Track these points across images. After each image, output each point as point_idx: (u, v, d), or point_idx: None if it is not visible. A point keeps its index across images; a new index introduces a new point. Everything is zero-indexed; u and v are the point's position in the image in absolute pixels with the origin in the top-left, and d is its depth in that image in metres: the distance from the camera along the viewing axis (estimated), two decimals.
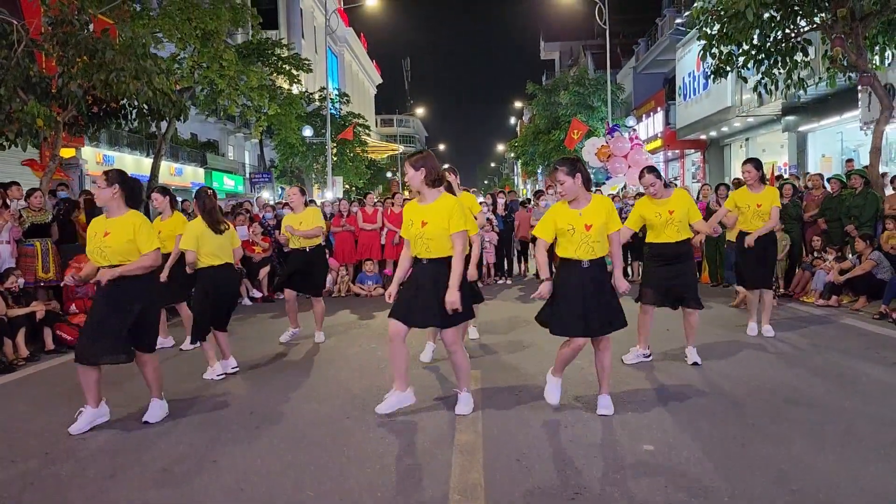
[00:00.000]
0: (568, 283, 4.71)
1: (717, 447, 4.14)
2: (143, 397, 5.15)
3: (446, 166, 6.19)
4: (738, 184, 10.90)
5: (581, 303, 4.62)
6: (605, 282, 4.75)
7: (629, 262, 12.73)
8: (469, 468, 3.90)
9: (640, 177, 6.12)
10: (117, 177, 4.85)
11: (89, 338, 4.71)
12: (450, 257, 4.66)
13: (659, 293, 6.05)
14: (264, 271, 11.56)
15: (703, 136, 25.27)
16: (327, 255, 12.07)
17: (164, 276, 6.70)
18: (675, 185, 14.55)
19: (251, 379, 6.19)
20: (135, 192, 4.96)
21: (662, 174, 6.26)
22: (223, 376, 6.19)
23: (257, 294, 11.41)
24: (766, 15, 10.70)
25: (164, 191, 7.59)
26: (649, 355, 6.32)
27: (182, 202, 12.44)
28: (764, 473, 3.74)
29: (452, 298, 4.53)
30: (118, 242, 4.69)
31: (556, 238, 4.78)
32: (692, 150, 28.07)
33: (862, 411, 4.74)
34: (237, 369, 6.37)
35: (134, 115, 11.87)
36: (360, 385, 5.82)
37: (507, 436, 4.44)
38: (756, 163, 7.18)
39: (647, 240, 6.25)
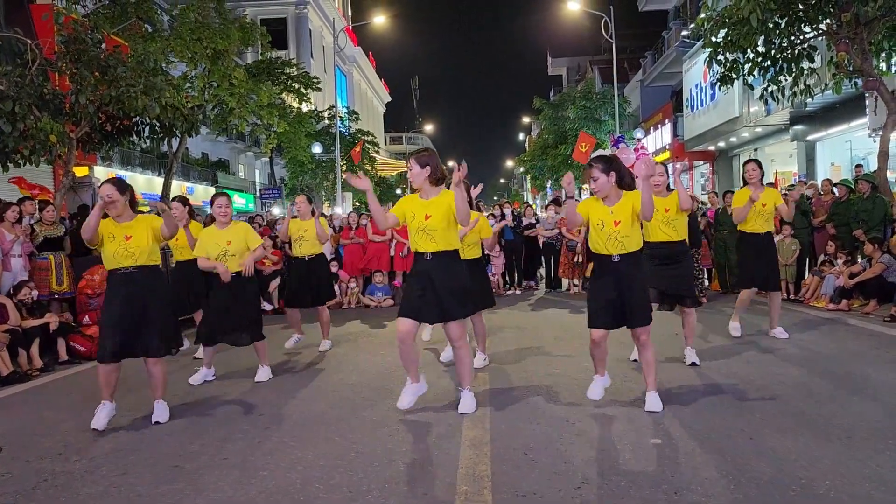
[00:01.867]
0: (600, 277, 4.84)
1: (725, 439, 4.15)
2: (150, 396, 5.21)
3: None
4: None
5: (608, 296, 4.71)
6: (635, 277, 4.78)
7: None
8: (477, 461, 3.93)
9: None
10: (124, 185, 5.11)
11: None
12: (455, 250, 4.73)
13: (657, 293, 6.07)
14: (274, 284, 11.64)
15: (712, 147, 25.29)
16: (335, 267, 12.21)
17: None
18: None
19: (262, 383, 6.24)
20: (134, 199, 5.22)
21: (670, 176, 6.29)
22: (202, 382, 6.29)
23: (268, 306, 11.47)
24: (771, 22, 10.76)
25: (184, 201, 7.79)
26: None
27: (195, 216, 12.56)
28: (770, 464, 3.75)
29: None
30: (143, 243, 4.99)
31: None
32: (701, 162, 28.08)
33: (871, 406, 4.74)
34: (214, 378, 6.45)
35: (146, 132, 12.05)
36: (370, 388, 5.86)
37: (514, 431, 4.46)
38: (758, 162, 7.20)
39: (644, 238, 6.29)
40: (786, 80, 11.76)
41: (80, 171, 16.60)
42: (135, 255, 4.96)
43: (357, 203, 35.49)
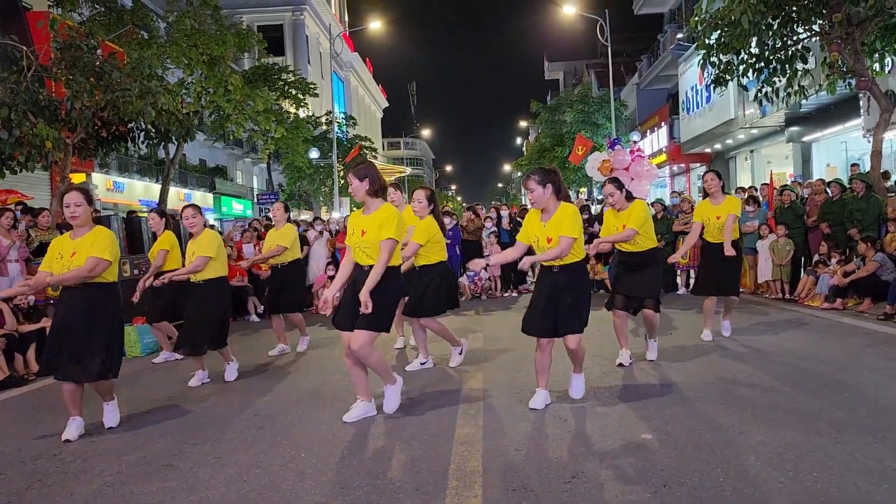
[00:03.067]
0: (540, 285, 4.94)
1: (715, 434, 4.18)
2: (147, 401, 5.24)
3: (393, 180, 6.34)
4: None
5: (543, 304, 4.80)
6: (572, 287, 4.82)
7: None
8: (468, 457, 3.95)
9: (602, 186, 6.27)
10: (89, 194, 5.01)
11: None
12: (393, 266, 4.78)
13: (623, 298, 6.18)
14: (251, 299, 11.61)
15: (708, 150, 25.36)
16: (332, 270, 12.21)
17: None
18: (683, 196, 14.58)
19: (256, 385, 6.26)
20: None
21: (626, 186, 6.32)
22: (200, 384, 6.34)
23: (255, 318, 11.43)
24: (764, 23, 10.81)
25: (162, 213, 8.08)
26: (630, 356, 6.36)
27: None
28: (759, 457, 3.78)
29: (364, 298, 4.57)
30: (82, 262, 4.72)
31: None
32: (698, 164, 28.15)
33: (861, 401, 4.76)
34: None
35: (142, 138, 12.10)
36: None
37: (506, 428, 4.49)
38: (717, 173, 7.21)
39: (616, 247, 6.36)
40: (780, 81, 11.82)
41: (77, 178, 16.71)
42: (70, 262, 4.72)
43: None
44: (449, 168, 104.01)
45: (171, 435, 4.76)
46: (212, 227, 10.61)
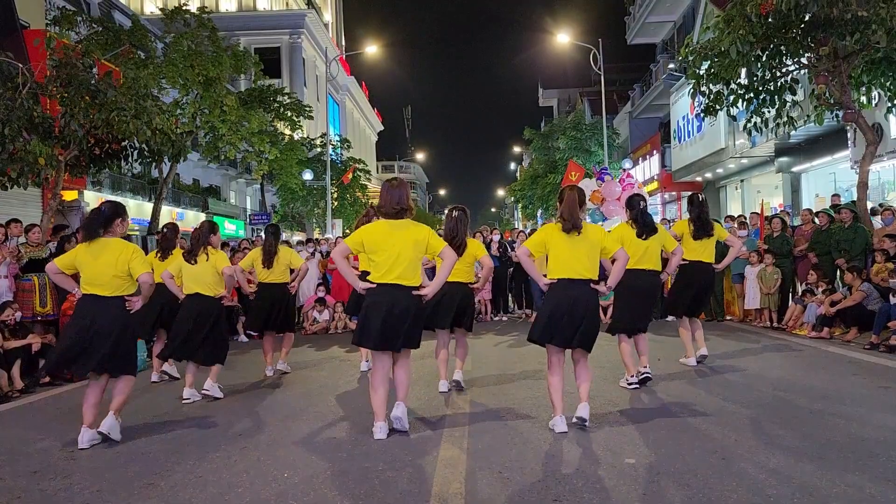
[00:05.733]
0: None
1: (698, 460, 4.19)
2: (131, 418, 5.21)
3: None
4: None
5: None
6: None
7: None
8: (451, 479, 3.95)
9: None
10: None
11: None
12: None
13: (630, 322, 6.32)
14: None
15: (699, 178, 25.54)
16: (322, 291, 12.22)
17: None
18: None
19: (241, 404, 6.25)
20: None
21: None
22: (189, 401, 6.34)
23: (244, 338, 11.39)
24: (753, 55, 10.97)
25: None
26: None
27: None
28: (740, 482, 3.79)
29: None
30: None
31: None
32: (689, 192, 28.33)
33: (843, 429, 4.78)
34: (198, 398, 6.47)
35: (135, 156, 12.13)
36: (350, 408, 5.88)
37: (490, 451, 4.49)
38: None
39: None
40: (769, 111, 11.96)
41: (69, 195, 16.69)
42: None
43: (348, 231, 35.58)
44: (443, 192, 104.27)
45: (154, 453, 4.74)
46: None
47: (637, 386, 6.27)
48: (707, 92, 12.07)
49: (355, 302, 6.97)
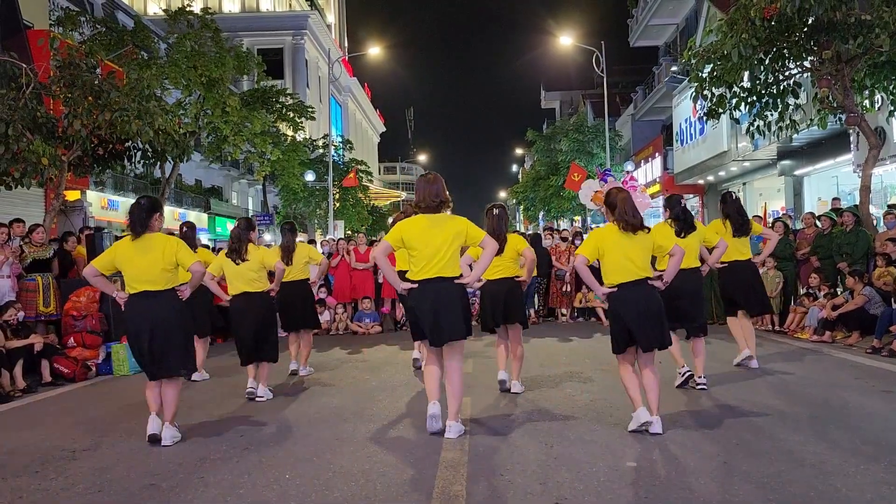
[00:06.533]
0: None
1: (699, 463, 4.19)
2: (131, 417, 5.21)
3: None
4: None
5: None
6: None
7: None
8: (452, 481, 3.95)
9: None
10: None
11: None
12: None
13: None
14: None
15: (701, 181, 25.54)
16: (324, 293, 12.21)
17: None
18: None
19: (245, 405, 6.25)
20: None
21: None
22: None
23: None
24: (756, 58, 10.97)
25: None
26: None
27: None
28: (743, 486, 3.79)
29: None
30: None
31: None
32: (691, 195, 28.31)
33: (845, 433, 4.78)
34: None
35: (138, 157, 12.15)
36: (351, 411, 5.88)
37: (492, 453, 4.49)
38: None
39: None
40: (772, 115, 11.97)
41: (72, 196, 16.70)
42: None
43: (350, 231, 35.62)
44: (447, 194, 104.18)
45: (156, 453, 4.74)
46: (206, 246, 10.66)
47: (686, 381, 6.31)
48: (710, 95, 12.07)
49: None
